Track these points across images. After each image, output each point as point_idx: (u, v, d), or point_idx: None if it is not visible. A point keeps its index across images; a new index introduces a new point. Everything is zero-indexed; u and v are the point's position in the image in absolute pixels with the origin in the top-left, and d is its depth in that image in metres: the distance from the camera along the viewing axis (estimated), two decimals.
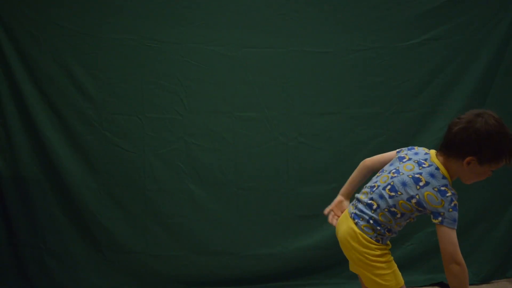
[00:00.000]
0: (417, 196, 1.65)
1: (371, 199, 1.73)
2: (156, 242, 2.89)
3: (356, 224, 1.74)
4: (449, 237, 1.58)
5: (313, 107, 2.98)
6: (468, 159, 1.61)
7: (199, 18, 2.84)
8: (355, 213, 1.77)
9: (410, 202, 1.67)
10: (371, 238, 1.73)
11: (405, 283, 3.19)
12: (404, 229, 3.11)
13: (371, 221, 1.73)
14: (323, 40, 2.95)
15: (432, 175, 1.65)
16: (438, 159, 1.69)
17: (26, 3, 2.70)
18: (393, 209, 1.70)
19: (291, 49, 2.94)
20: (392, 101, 3.04)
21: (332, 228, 3.03)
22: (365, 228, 1.73)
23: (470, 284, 3.14)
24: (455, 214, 1.59)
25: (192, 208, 2.91)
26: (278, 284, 2.97)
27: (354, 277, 3.16)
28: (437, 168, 1.66)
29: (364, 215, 1.73)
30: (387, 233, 1.74)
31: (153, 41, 2.81)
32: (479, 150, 1.59)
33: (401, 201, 1.68)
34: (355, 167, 3.04)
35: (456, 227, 1.60)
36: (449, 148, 1.66)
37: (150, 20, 2.80)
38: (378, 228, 1.73)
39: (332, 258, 3.01)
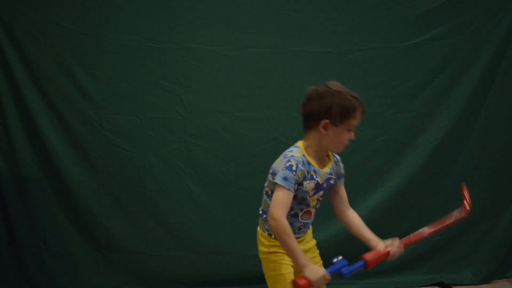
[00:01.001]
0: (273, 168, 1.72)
1: None
2: (156, 242, 2.89)
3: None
4: (276, 193, 1.62)
5: None
6: (322, 123, 1.65)
7: (199, 18, 2.84)
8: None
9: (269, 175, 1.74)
10: (262, 230, 1.81)
11: (405, 283, 3.21)
12: (404, 229, 3.13)
13: (260, 212, 1.82)
14: (323, 40, 2.95)
15: (288, 149, 1.72)
16: (303, 144, 1.73)
17: (26, 3, 2.70)
18: (266, 189, 1.77)
19: (291, 49, 2.94)
20: (392, 101, 3.04)
21: (332, 229, 3.06)
22: (260, 222, 1.83)
23: (470, 284, 3.17)
24: (287, 173, 1.62)
25: (192, 208, 2.91)
26: None
27: (354, 277, 3.18)
28: (296, 146, 1.72)
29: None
30: None
31: (153, 41, 2.81)
32: (327, 110, 1.64)
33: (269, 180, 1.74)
34: (355, 167, 3.07)
35: (287, 187, 1.61)
36: (305, 124, 1.71)
37: (150, 20, 2.80)
38: (264, 216, 1.77)
39: (331, 258, 3.01)
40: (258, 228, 1.85)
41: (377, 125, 3.04)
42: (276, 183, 1.63)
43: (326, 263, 3.06)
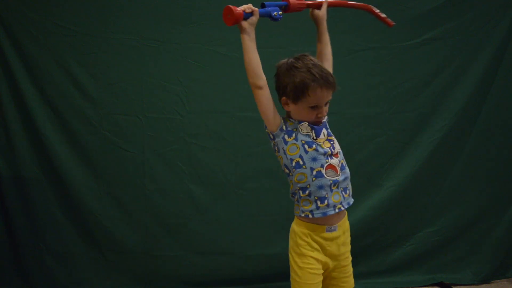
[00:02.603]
0: None
1: None
2: (156, 242, 2.90)
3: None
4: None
5: None
6: (282, 100, 1.69)
7: (199, 18, 2.84)
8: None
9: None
10: (299, 217, 1.75)
11: (405, 283, 3.21)
12: (404, 229, 3.14)
13: (290, 196, 1.78)
14: None
15: None
16: None
17: (26, 3, 2.70)
18: (283, 169, 1.75)
19: (291, 49, 2.91)
20: (392, 101, 3.04)
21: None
22: (295, 208, 1.77)
23: (470, 284, 3.17)
24: None
25: (192, 208, 2.91)
26: (278, 284, 2.96)
27: (354, 277, 3.17)
28: None
29: None
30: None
31: (153, 41, 2.81)
32: (283, 88, 1.67)
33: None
34: (355, 167, 3.05)
35: None
36: None
37: (150, 20, 2.80)
38: (296, 197, 1.74)
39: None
40: (293, 223, 1.76)
41: (377, 125, 3.04)
42: None
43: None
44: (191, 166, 2.89)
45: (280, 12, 1.75)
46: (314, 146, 1.67)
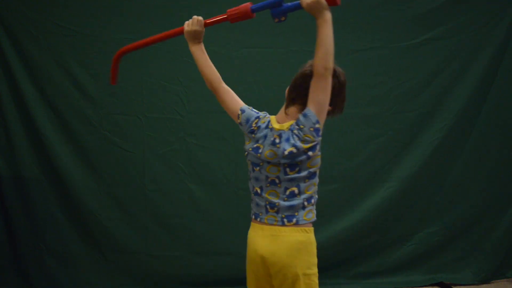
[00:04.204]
0: None
1: None
2: (156, 242, 2.90)
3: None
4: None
5: None
6: (329, 108, 1.63)
7: None
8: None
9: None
10: (307, 225, 1.62)
11: (405, 283, 3.21)
12: (404, 229, 3.14)
13: (301, 202, 1.65)
14: None
15: None
16: None
17: (26, 3, 2.70)
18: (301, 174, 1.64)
19: (291, 49, 2.94)
20: (392, 101, 3.04)
21: (332, 229, 3.06)
22: (303, 215, 1.60)
23: (470, 284, 3.16)
24: None
25: (192, 208, 2.91)
26: None
27: (355, 277, 3.18)
28: None
29: None
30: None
31: None
32: (340, 102, 1.72)
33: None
34: (355, 167, 3.07)
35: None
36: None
37: (150, 20, 2.80)
38: (312, 201, 1.65)
39: (332, 259, 3.01)
40: (300, 235, 1.57)
41: (377, 125, 3.04)
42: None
43: (328, 264, 3.07)
44: (191, 166, 2.89)
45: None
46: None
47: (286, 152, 1.55)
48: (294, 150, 1.54)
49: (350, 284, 2.99)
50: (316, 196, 1.61)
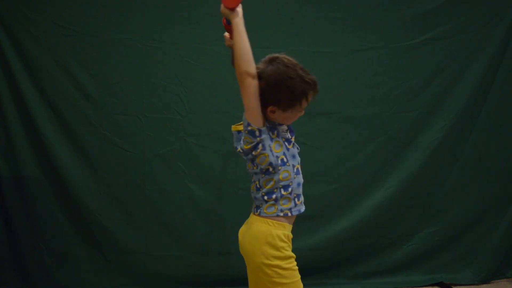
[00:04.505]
0: None
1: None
2: (156, 242, 2.90)
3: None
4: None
5: (313, 107, 2.96)
6: (269, 109, 1.62)
7: (199, 18, 2.84)
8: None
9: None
10: (272, 217, 1.68)
11: (405, 283, 3.21)
12: (404, 229, 3.14)
13: (261, 196, 1.71)
14: (323, 40, 2.95)
15: None
16: None
17: (26, 3, 2.70)
18: (252, 168, 1.75)
19: (291, 49, 2.92)
20: (392, 101, 3.04)
21: (332, 229, 3.06)
22: (265, 208, 1.69)
23: (470, 284, 3.17)
24: None
25: (192, 208, 2.91)
26: None
27: (355, 277, 3.18)
28: None
29: None
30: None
31: (153, 41, 2.81)
32: (276, 101, 1.60)
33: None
34: (356, 167, 3.07)
35: None
36: None
37: (150, 20, 2.80)
38: (274, 196, 1.68)
39: (332, 259, 3.01)
40: (262, 225, 1.66)
41: (377, 125, 3.04)
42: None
43: (328, 263, 3.07)
44: (191, 166, 2.89)
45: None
46: (291, 143, 1.70)
47: (237, 151, 1.73)
48: (240, 150, 1.71)
49: (350, 284, 3.00)
50: (283, 194, 1.64)
